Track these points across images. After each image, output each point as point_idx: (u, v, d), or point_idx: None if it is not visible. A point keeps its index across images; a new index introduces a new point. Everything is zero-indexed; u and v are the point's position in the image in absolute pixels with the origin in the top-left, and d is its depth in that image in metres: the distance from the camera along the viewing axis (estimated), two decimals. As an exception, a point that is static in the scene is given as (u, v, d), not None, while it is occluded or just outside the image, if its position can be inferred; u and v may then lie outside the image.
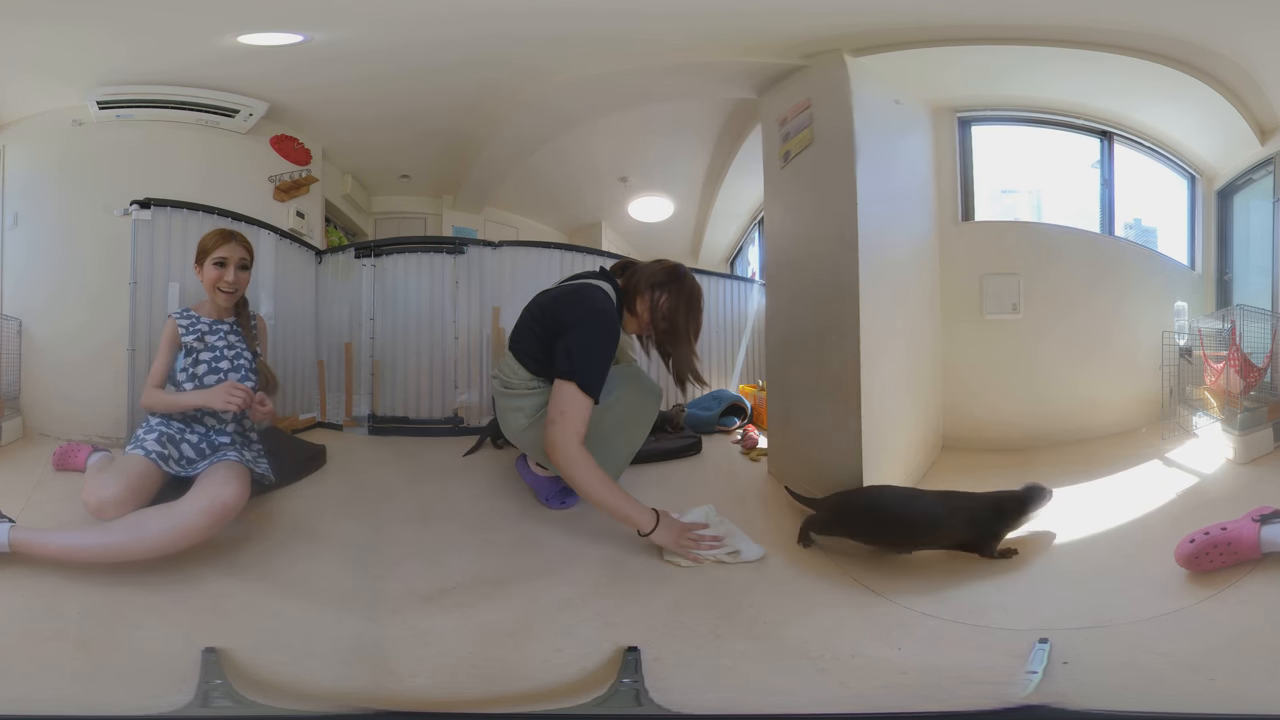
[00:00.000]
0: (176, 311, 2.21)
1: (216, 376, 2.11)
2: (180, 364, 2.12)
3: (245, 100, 2.55)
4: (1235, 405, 2.24)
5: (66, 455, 2.25)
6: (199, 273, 2.20)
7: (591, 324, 1.96)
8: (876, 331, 2.08)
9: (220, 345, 2.17)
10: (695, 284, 2.13)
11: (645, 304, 2.08)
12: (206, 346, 2.15)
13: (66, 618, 1.53)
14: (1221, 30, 2.10)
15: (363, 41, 2.25)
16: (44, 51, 2.27)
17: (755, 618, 1.62)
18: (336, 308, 2.91)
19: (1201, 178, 2.48)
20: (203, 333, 2.16)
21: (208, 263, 2.17)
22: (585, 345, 1.93)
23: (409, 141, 2.89)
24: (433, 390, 2.84)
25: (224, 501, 1.77)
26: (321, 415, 2.90)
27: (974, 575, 1.83)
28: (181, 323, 2.17)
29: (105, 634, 1.50)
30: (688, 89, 2.60)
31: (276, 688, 1.34)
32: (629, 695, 1.26)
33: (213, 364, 2.13)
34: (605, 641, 1.47)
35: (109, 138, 2.47)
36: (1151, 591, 1.68)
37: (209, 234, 2.22)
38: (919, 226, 2.40)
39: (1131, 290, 2.47)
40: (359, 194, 3.03)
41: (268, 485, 2.09)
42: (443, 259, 2.85)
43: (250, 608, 1.64)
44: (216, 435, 2.10)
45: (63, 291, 2.49)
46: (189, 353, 2.13)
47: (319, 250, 2.91)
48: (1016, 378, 2.44)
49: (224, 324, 2.21)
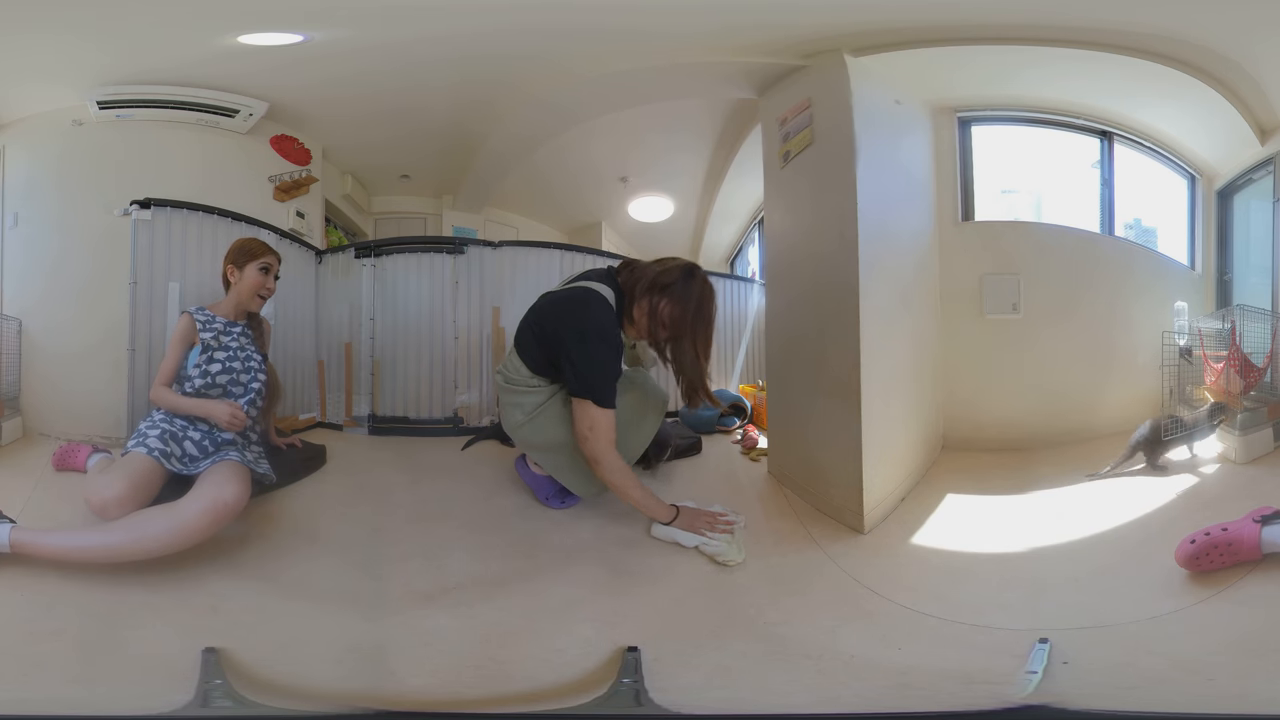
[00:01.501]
0: (194, 308, 2.20)
1: (230, 376, 2.13)
2: (194, 360, 2.12)
3: (245, 100, 2.55)
4: (1235, 405, 2.24)
5: (66, 455, 2.26)
6: (232, 272, 2.22)
7: (587, 339, 1.93)
8: (876, 331, 2.08)
9: (234, 346, 2.17)
10: (706, 286, 1.99)
11: (643, 311, 1.99)
12: (221, 346, 2.15)
13: (65, 618, 1.53)
14: (1221, 31, 2.10)
15: (362, 41, 2.25)
16: (44, 52, 2.27)
17: (755, 618, 1.62)
18: (336, 308, 2.91)
19: (1201, 178, 2.48)
20: (218, 332, 2.17)
21: (252, 266, 2.21)
22: (588, 362, 1.93)
23: (409, 141, 2.88)
24: (433, 390, 2.84)
25: (225, 501, 1.76)
26: (322, 415, 2.90)
27: (974, 575, 1.84)
28: (199, 318, 2.16)
29: (105, 634, 1.50)
30: (688, 89, 2.60)
31: (276, 688, 1.34)
32: (629, 695, 1.26)
33: (227, 364, 2.14)
34: (606, 641, 1.47)
35: (109, 138, 2.47)
36: (1151, 592, 1.68)
37: (251, 239, 2.28)
38: (919, 226, 2.40)
39: (1131, 290, 2.48)
40: (359, 194, 3.03)
41: (268, 485, 2.08)
42: (443, 259, 2.85)
43: (249, 608, 1.63)
44: (219, 433, 2.09)
45: (62, 291, 2.48)
46: (205, 349, 2.13)
47: (319, 250, 2.91)
48: (1016, 377, 2.44)
49: (237, 325, 2.22)
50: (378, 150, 2.95)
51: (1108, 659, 1.46)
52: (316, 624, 1.61)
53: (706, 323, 1.98)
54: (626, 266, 2.07)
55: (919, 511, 2.14)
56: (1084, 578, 1.80)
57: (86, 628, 1.51)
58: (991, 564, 1.89)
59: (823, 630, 1.58)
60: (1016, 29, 2.14)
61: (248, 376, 2.16)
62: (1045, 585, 1.79)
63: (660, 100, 2.68)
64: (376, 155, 2.97)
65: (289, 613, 1.64)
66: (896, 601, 1.70)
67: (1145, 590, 1.69)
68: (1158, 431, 2.24)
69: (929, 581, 1.81)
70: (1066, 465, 2.29)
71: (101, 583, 1.63)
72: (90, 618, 1.53)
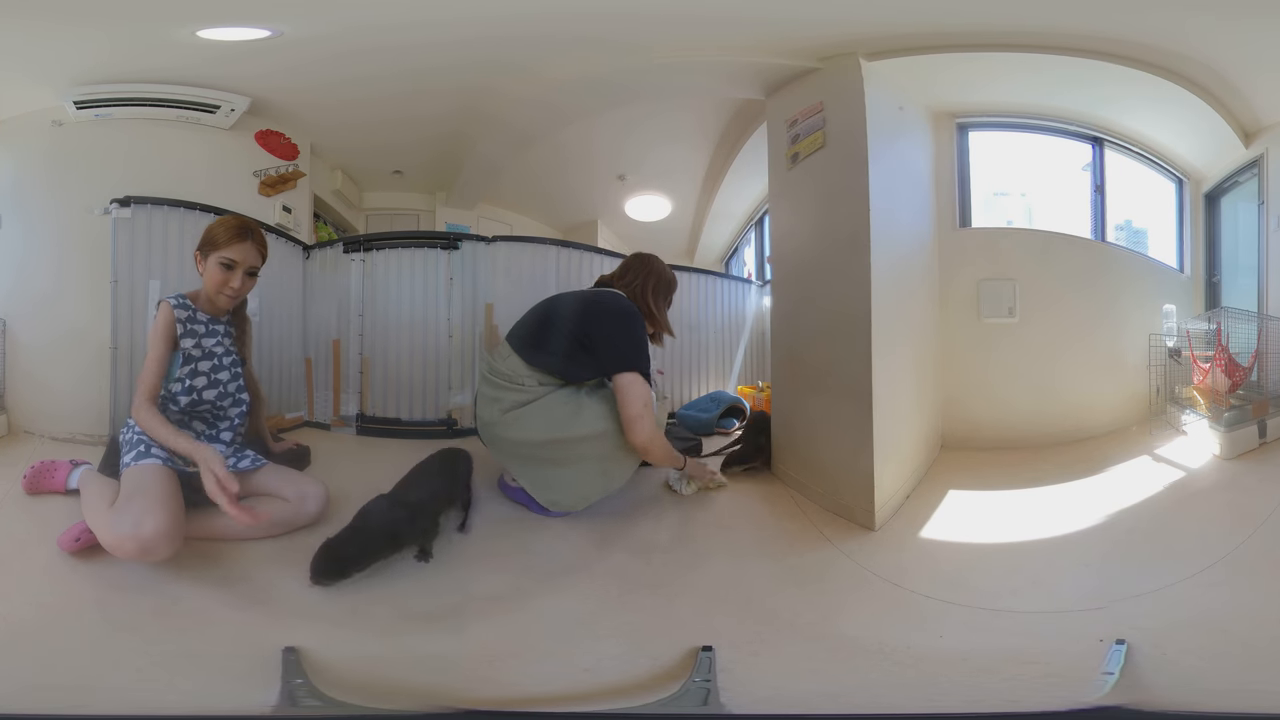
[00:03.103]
0: (174, 298, 1.93)
1: (217, 390, 1.96)
2: (176, 373, 1.89)
3: (226, 96, 2.50)
4: (1222, 404, 2.33)
5: (40, 476, 1.99)
6: (199, 263, 1.94)
7: (628, 317, 2.12)
8: (884, 333, 2.10)
9: (218, 351, 1.98)
10: (658, 260, 2.33)
11: (643, 297, 2.25)
12: (205, 353, 1.94)
13: (142, 611, 1.53)
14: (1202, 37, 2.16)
15: (352, 34, 2.19)
16: (17, 53, 2.20)
17: (794, 619, 1.63)
18: (324, 304, 2.84)
19: (1190, 181, 2.56)
20: (200, 335, 1.95)
21: (213, 260, 1.90)
22: (630, 336, 2.07)
23: (401, 136, 2.84)
24: (425, 391, 2.78)
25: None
26: (309, 414, 2.82)
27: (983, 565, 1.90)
28: (180, 314, 1.91)
29: (185, 630, 1.50)
30: (695, 88, 2.60)
31: (357, 686, 1.31)
32: (699, 694, 1.25)
33: (211, 375, 1.95)
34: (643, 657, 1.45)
35: (89, 137, 2.42)
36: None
37: (221, 223, 1.93)
38: (920, 231, 2.43)
39: (1123, 294, 2.54)
40: (350, 190, 2.97)
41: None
42: (435, 255, 2.79)
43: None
44: (214, 438, 1.98)
45: (45, 291, 2.44)
46: (187, 361, 1.91)
47: (306, 245, 2.84)
48: (1013, 379, 2.49)
49: (220, 322, 2.01)
50: (369, 146, 2.90)
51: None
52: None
53: (669, 284, 2.36)
54: (609, 282, 2.32)
55: (924, 507, 2.18)
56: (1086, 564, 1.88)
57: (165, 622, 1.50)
58: (998, 554, 1.96)
59: (867, 626, 1.61)
60: (1014, 36, 2.17)
61: (235, 386, 2.00)
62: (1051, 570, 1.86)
63: (666, 98, 2.68)
64: (368, 151, 2.92)
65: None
66: (920, 592, 1.75)
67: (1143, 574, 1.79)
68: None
69: (943, 572, 1.86)
70: (1062, 462, 2.35)
71: (175, 578, 1.61)
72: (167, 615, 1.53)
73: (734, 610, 1.66)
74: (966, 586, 1.78)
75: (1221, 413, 2.31)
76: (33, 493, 1.99)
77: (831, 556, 1.94)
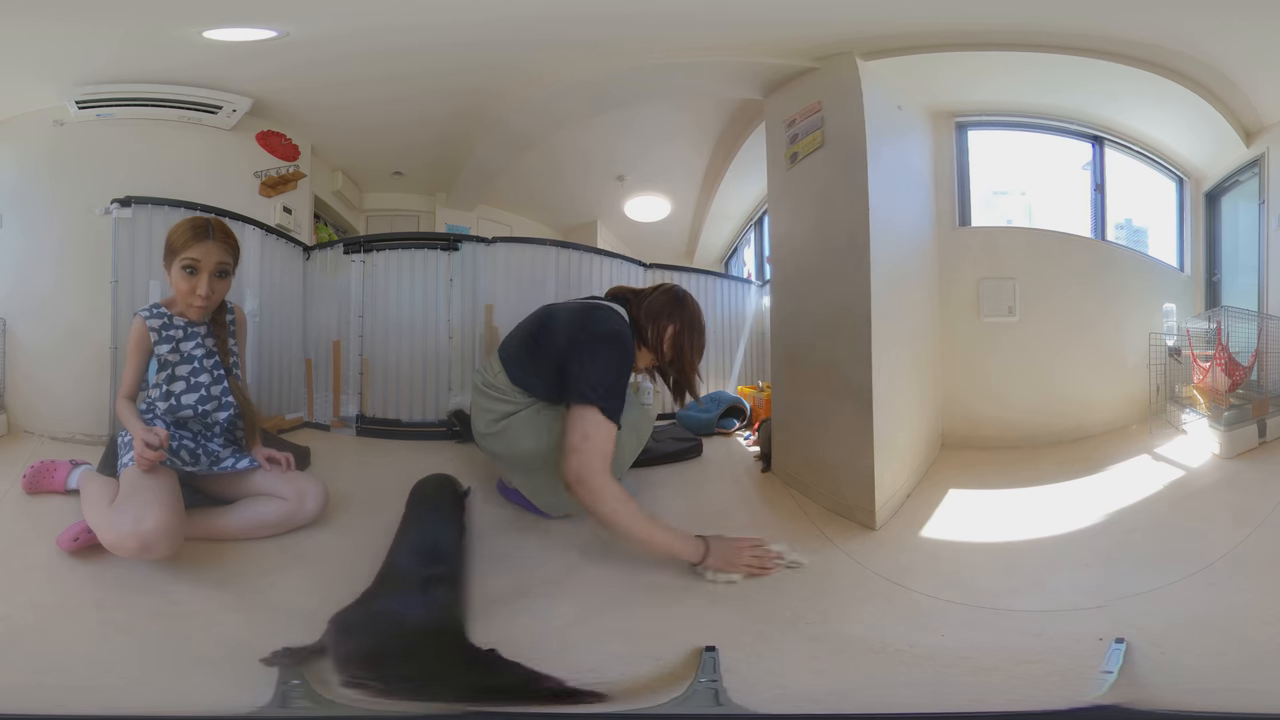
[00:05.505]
0: (145, 309, 1.87)
1: (197, 394, 1.87)
2: (153, 379, 1.86)
3: (227, 96, 2.50)
4: (1222, 403, 2.32)
5: (40, 476, 1.98)
6: (167, 273, 1.85)
7: (611, 344, 1.84)
8: (884, 332, 2.10)
9: (199, 354, 1.88)
10: (695, 307, 2.07)
11: (655, 334, 2.00)
12: (183, 357, 1.87)
13: (141, 611, 1.52)
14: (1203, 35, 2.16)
15: (355, 37, 2.20)
16: (18, 52, 2.20)
17: (796, 620, 1.62)
18: (324, 305, 2.84)
19: (1190, 180, 2.56)
20: (177, 340, 1.87)
21: (175, 266, 1.81)
22: (605, 367, 1.80)
23: (402, 137, 2.84)
24: (426, 392, 2.78)
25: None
26: (309, 415, 2.83)
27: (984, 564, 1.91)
28: (152, 324, 1.85)
29: (183, 631, 1.49)
30: (693, 89, 2.60)
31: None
32: (708, 695, 1.25)
33: (191, 379, 1.87)
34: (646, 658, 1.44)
35: (91, 137, 2.42)
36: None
37: (178, 226, 1.82)
38: (921, 230, 2.43)
39: (1124, 293, 2.54)
40: (350, 191, 2.97)
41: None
42: (435, 255, 2.79)
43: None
44: (206, 441, 1.90)
45: (45, 291, 2.44)
46: (163, 366, 1.84)
47: (306, 246, 2.84)
48: (1012, 378, 2.49)
49: (201, 326, 1.92)
50: (370, 147, 2.90)
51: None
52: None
53: (700, 335, 2.07)
54: (624, 296, 2.08)
55: (925, 507, 2.18)
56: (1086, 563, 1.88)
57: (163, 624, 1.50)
58: (999, 553, 1.95)
59: (869, 625, 1.60)
60: (1013, 34, 2.17)
61: (219, 388, 1.89)
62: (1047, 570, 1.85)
63: (663, 99, 2.68)
64: (369, 152, 2.92)
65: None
66: (921, 591, 1.75)
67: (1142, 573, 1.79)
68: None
69: (944, 571, 1.86)
70: (1062, 461, 2.35)
71: (175, 579, 1.61)
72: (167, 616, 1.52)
73: (735, 610, 1.66)
74: (967, 585, 1.77)
75: (1221, 412, 2.31)
76: (32, 492, 1.99)
77: (833, 556, 1.94)
